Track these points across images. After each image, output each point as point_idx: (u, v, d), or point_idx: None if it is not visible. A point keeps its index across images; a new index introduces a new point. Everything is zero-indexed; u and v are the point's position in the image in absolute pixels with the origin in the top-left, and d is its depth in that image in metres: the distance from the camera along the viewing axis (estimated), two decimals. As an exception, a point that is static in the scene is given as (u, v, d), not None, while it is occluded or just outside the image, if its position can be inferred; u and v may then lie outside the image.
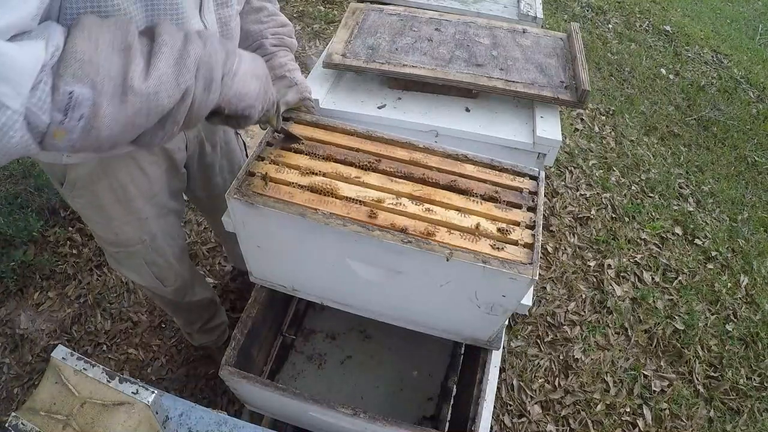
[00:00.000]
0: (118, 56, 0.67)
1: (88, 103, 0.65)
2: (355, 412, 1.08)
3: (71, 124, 0.65)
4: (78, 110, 0.64)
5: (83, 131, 0.66)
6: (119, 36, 0.68)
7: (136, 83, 0.67)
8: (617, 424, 1.90)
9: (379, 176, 1.03)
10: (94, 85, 0.65)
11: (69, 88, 0.63)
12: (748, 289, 2.35)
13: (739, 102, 3.43)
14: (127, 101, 0.67)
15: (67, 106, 0.63)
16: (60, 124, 0.64)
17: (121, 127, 0.69)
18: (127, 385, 0.85)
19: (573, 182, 2.73)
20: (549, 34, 1.59)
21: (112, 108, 0.66)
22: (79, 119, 0.65)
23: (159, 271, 1.40)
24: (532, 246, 0.94)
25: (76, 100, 0.64)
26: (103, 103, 0.65)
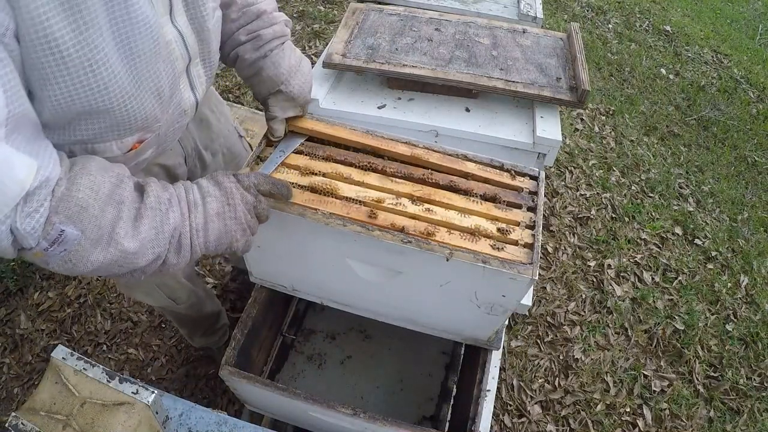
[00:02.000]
0: (112, 209, 0.73)
1: (74, 243, 0.70)
2: (355, 412, 1.08)
3: (53, 253, 0.70)
4: (63, 246, 0.70)
5: (61, 261, 0.72)
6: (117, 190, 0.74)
7: (122, 239, 0.74)
8: (617, 424, 1.90)
9: (379, 176, 1.03)
10: (84, 230, 0.71)
11: (62, 227, 0.69)
12: (748, 289, 2.35)
13: (739, 102, 3.43)
14: (108, 252, 0.73)
15: (55, 240, 0.69)
16: (44, 251, 0.69)
17: (95, 268, 0.74)
18: (127, 385, 0.85)
19: (573, 182, 2.73)
20: (549, 34, 1.59)
21: (93, 253, 0.72)
22: (61, 252, 0.70)
23: (170, 291, 1.39)
24: (532, 246, 0.94)
25: (65, 238, 0.69)
26: (86, 247, 0.71)
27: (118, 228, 0.73)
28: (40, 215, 0.67)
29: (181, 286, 1.41)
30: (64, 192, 0.69)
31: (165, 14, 0.81)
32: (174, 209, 0.79)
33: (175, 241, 0.80)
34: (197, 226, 0.82)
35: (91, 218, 0.71)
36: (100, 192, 0.72)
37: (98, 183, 0.72)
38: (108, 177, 0.74)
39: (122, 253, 0.74)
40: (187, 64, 0.90)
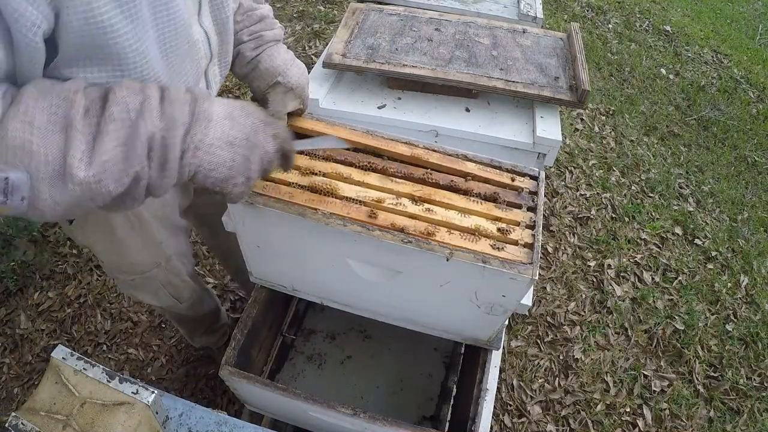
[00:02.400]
0: (59, 136, 0.62)
1: (26, 187, 0.61)
2: (355, 412, 1.08)
3: (14, 203, 0.62)
4: (17, 193, 0.61)
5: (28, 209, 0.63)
6: (61, 111, 0.62)
7: (75, 171, 0.61)
8: (617, 424, 1.90)
9: (379, 176, 1.03)
10: (29, 170, 0.61)
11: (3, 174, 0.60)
12: (748, 289, 2.35)
13: (739, 102, 3.43)
14: (67, 188, 0.62)
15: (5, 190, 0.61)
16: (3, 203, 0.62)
17: (65, 209, 0.64)
18: (127, 385, 0.85)
19: (573, 182, 2.73)
20: (549, 34, 1.59)
21: (53, 191, 0.62)
22: (21, 200, 0.62)
23: (175, 290, 1.39)
24: (532, 246, 0.94)
25: (12, 185, 0.61)
26: (41, 188, 0.62)
27: (68, 157, 0.61)
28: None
29: (185, 284, 1.41)
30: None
31: (194, 14, 0.84)
32: (148, 117, 0.64)
33: (157, 156, 0.66)
34: (197, 143, 0.68)
35: (33, 155, 0.60)
36: (35, 122, 0.61)
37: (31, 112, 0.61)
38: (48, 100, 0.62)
39: (81, 185, 0.62)
40: (207, 64, 0.93)
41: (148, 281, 1.30)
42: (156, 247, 1.23)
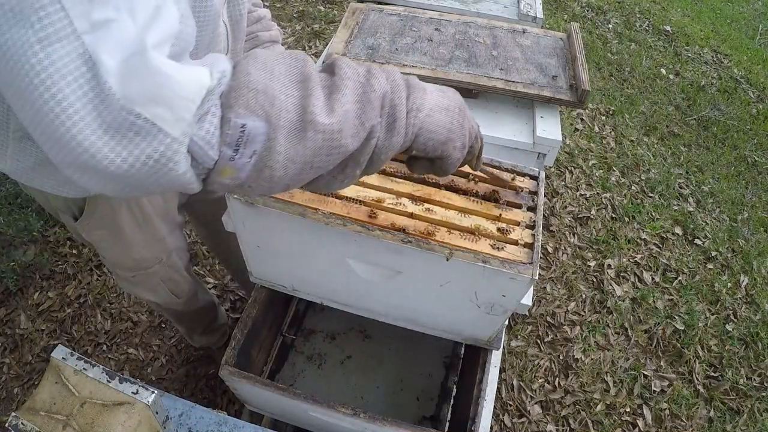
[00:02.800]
0: (296, 88, 0.60)
1: (262, 139, 0.57)
2: (355, 412, 1.08)
3: (242, 161, 0.58)
4: (250, 146, 0.57)
5: (255, 170, 0.59)
6: (296, 67, 0.61)
7: (318, 118, 0.59)
8: (617, 424, 1.90)
9: (379, 176, 1.03)
10: (269, 118, 0.57)
11: (241, 120, 0.56)
12: (748, 289, 2.35)
13: (739, 102, 3.43)
14: (307, 138, 0.59)
15: (238, 141, 0.57)
16: (230, 160, 0.57)
17: (299, 167, 0.61)
18: (127, 385, 0.85)
19: (573, 182, 2.74)
20: (549, 34, 1.59)
21: (289, 145, 0.59)
22: (251, 156, 0.58)
23: (174, 286, 1.39)
24: (532, 246, 0.94)
25: (248, 135, 0.57)
26: (278, 139, 0.58)
27: (310, 106, 0.59)
28: (211, 115, 0.56)
29: (184, 279, 1.41)
30: (231, 83, 0.58)
31: (223, 6, 0.85)
32: (378, 77, 0.65)
33: (386, 114, 0.66)
34: (418, 106, 0.68)
35: (274, 101, 0.57)
36: (275, 71, 0.59)
37: (270, 63, 0.60)
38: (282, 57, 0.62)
39: (324, 134, 0.59)
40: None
41: (149, 277, 1.31)
42: (158, 243, 1.23)
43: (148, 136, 0.53)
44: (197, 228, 1.65)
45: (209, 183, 0.61)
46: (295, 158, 0.60)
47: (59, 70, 0.49)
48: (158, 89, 0.52)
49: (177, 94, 0.53)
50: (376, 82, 0.64)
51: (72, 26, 0.49)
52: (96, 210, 1.07)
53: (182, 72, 0.54)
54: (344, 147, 0.62)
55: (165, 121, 0.53)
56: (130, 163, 0.53)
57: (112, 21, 0.50)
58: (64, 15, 0.49)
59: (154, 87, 0.52)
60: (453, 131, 0.73)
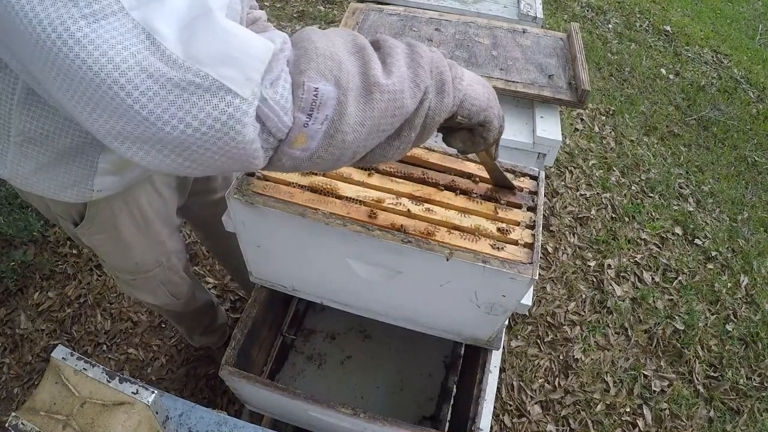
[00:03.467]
0: (355, 57, 0.62)
1: (333, 103, 0.57)
2: (355, 412, 1.08)
3: (315, 127, 0.57)
4: (323, 110, 0.57)
5: (326, 137, 0.59)
6: (351, 38, 0.64)
7: (381, 80, 0.61)
8: (617, 424, 1.90)
9: (379, 176, 1.03)
10: (338, 82, 0.58)
11: (314, 84, 0.56)
12: (748, 289, 2.35)
13: (739, 102, 3.43)
14: (373, 99, 0.60)
15: (312, 105, 0.56)
16: (304, 126, 0.57)
17: (367, 130, 0.62)
18: (127, 385, 0.85)
19: (573, 182, 2.73)
20: (549, 34, 1.59)
21: (358, 108, 0.60)
22: (323, 122, 0.58)
23: (173, 287, 1.39)
24: (532, 246, 0.94)
25: (321, 99, 0.56)
26: (349, 102, 0.58)
27: (370, 70, 0.61)
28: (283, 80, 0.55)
29: (183, 280, 1.41)
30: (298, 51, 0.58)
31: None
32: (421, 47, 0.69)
33: (436, 78, 0.68)
34: (459, 75, 0.73)
35: (341, 66, 0.59)
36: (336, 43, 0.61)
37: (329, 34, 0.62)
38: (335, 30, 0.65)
39: (388, 94, 0.61)
40: None
41: (149, 280, 1.31)
42: (159, 246, 1.23)
43: (214, 98, 0.51)
44: (196, 230, 1.65)
45: (277, 158, 0.60)
46: (364, 121, 0.61)
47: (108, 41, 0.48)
48: (225, 48, 0.51)
49: (245, 53, 0.52)
50: (421, 51, 0.68)
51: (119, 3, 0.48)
52: (97, 215, 1.07)
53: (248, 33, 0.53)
54: (405, 107, 0.64)
55: (233, 81, 0.52)
56: (195, 127, 0.52)
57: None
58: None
59: (221, 46, 0.51)
60: (491, 100, 0.78)
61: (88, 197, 0.96)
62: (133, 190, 1.08)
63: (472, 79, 0.76)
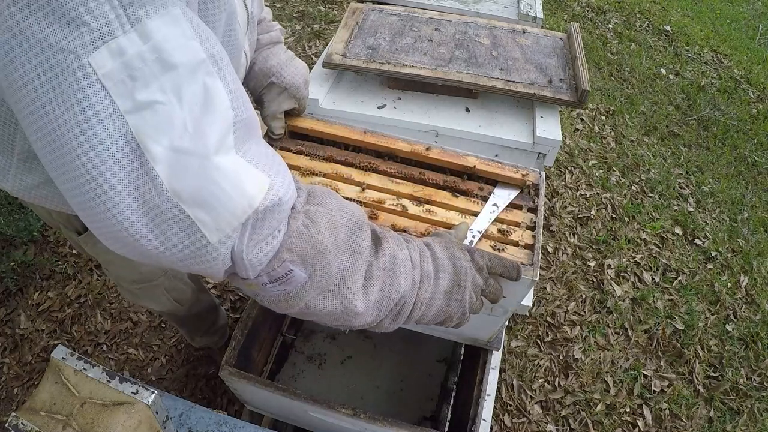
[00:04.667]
0: (347, 258, 0.65)
1: (298, 285, 0.62)
2: (355, 412, 1.08)
3: (271, 290, 0.62)
4: (285, 285, 0.61)
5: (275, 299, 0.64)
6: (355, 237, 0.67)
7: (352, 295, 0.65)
8: (617, 424, 1.90)
9: (379, 177, 1.03)
10: (313, 275, 0.62)
11: (292, 266, 0.60)
12: (748, 289, 2.35)
13: (739, 102, 3.43)
14: (332, 303, 0.65)
15: (278, 279, 0.60)
16: (262, 285, 0.61)
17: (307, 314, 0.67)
18: (127, 385, 0.85)
19: (573, 182, 2.73)
20: (549, 34, 1.58)
21: (316, 299, 0.64)
22: (279, 291, 0.62)
23: (178, 294, 1.39)
24: (533, 247, 0.93)
25: (290, 278, 0.61)
26: (310, 292, 0.63)
27: (349, 282, 0.65)
28: (270, 248, 0.58)
29: (187, 286, 1.41)
30: (302, 229, 0.61)
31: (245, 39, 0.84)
32: (407, 276, 0.71)
33: (397, 309, 0.72)
34: (423, 300, 0.75)
35: (325, 264, 0.62)
36: (338, 236, 0.64)
37: (338, 225, 0.65)
38: (347, 219, 0.67)
39: (347, 309, 0.66)
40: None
41: (154, 289, 1.30)
42: None
43: (187, 230, 0.54)
44: None
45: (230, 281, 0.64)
46: (312, 309, 0.65)
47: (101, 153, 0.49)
48: (206, 196, 0.53)
49: (224, 206, 0.54)
50: (402, 282, 0.71)
51: (114, 105, 0.48)
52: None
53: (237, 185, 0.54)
54: (352, 323, 0.70)
55: (205, 226, 0.54)
56: (167, 247, 0.55)
57: (157, 103, 0.49)
58: (106, 95, 0.48)
59: (202, 192, 0.53)
60: (450, 311, 0.78)
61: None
62: None
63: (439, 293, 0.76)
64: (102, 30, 0.47)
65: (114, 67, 0.48)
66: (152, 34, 0.48)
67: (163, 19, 0.49)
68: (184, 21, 0.51)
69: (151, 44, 0.48)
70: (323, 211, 0.64)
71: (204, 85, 0.52)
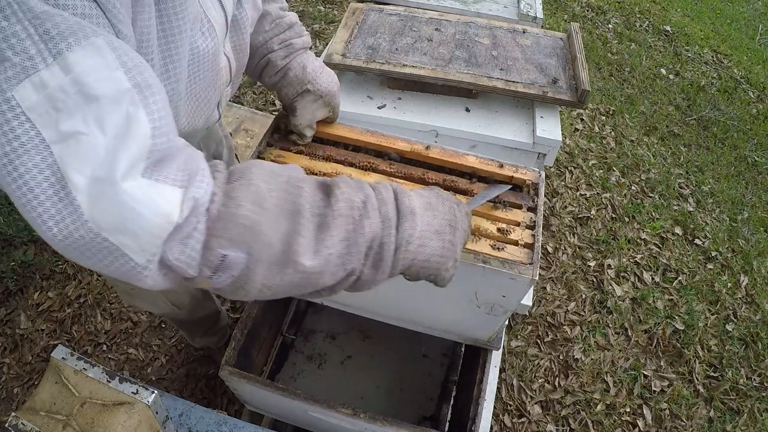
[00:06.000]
0: (286, 221, 0.61)
1: (241, 266, 0.60)
2: (355, 412, 1.08)
3: (219, 281, 0.61)
4: (228, 271, 0.60)
5: (231, 288, 0.62)
6: (290, 198, 0.62)
7: (301, 258, 0.61)
8: (617, 424, 1.90)
9: (379, 176, 1.03)
10: (251, 252, 0.59)
11: (223, 251, 0.58)
12: (748, 289, 2.35)
13: (739, 102, 3.43)
14: (285, 273, 0.61)
15: (217, 267, 0.59)
16: (207, 278, 0.60)
17: (272, 292, 0.64)
18: (127, 385, 0.85)
19: (573, 182, 2.73)
20: (549, 34, 1.59)
21: (267, 274, 0.61)
22: (228, 279, 0.61)
23: (176, 297, 1.38)
24: (533, 246, 0.93)
25: (228, 263, 0.59)
26: (257, 270, 0.60)
27: (294, 245, 0.61)
28: (195, 241, 0.58)
29: (186, 290, 1.40)
30: (221, 209, 0.59)
31: (222, 43, 0.83)
32: (372, 216, 0.66)
33: (374, 253, 0.66)
34: (407, 238, 0.68)
35: (259, 237, 0.59)
36: (266, 204, 0.61)
37: (263, 193, 0.61)
38: (277, 183, 0.63)
39: (303, 273, 0.62)
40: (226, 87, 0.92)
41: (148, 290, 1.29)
42: None
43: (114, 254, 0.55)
44: None
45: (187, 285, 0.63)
46: (270, 286, 0.62)
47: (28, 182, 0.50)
48: (124, 221, 0.53)
49: (142, 228, 0.54)
50: (367, 224, 0.65)
51: (40, 136, 0.50)
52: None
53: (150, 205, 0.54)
54: (321, 284, 0.65)
55: (130, 249, 0.55)
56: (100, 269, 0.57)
57: (81, 134, 0.50)
58: (31, 126, 0.49)
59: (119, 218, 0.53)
60: (445, 254, 0.73)
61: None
62: None
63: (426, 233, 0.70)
64: (24, 64, 0.48)
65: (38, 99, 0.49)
66: (73, 67, 0.49)
67: (84, 51, 0.50)
68: (107, 51, 0.51)
69: (72, 77, 0.49)
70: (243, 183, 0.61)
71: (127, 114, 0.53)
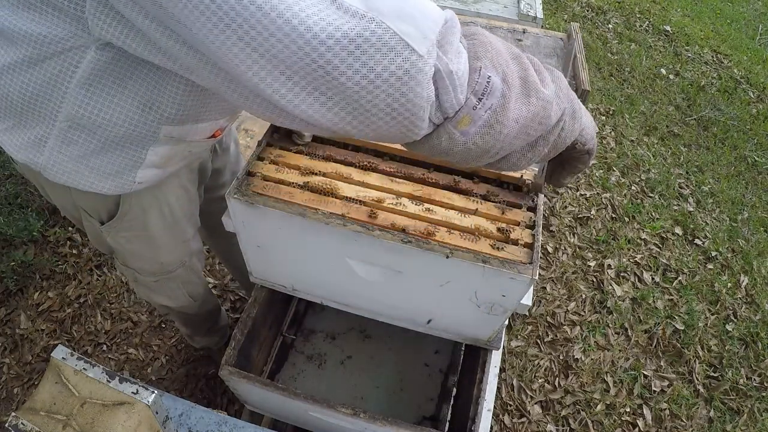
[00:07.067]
0: (515, 62, 0.64)
1: (499, 94, 0.60)
2: (355, 412, 1.08)
3: (480, 113, 0.60)
4: (490, 99, 0.59)
5: (486, 125, 0.61)
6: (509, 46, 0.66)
7: (540, 87, 0.63)
8: (617, 424, 1.90)
9: (379, 176, 1.03)
10: (505, 77, 0.60)
11: (488, 72, 0.58)
12: (748, 289, 2.35)
13: (739, 102, 3.43)
14: (530, 102, 0.63)
15: (483, 91, 0.59)
16: (472, 109, 0.59)
17: (519, 128, 0.64)
18: (127, 385, 0.85)
19: (573, 182, 2.74)
20: (549, 34, 1.58)
21: (516, 105, 0.62)
22: (487, 110, 0.60)
23: (192, 288, 1.38)
24: (532, 246, 0.93)
25: (491, 87, 0.59)
26: (511, 97, 0.61)
27: (529, 76, 0.63)
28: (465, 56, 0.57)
29: (201, 281, 1.41)
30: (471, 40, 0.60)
31: None
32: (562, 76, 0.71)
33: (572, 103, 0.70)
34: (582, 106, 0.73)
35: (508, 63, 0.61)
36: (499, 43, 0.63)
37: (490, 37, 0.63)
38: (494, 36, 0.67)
39: (542, 101, 0.63)
40: None
41: (171, 281, 1.30)
42: (184, 245, 1.22)
43: (391, 52, 0.52)
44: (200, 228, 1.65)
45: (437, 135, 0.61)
46: (519, 119, 0.62)
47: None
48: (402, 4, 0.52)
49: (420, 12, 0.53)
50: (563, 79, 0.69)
51: None
52: (128, 211, 1.04)
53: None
54: (550, 119, 0.65)
55: (411, 37, 0.52)
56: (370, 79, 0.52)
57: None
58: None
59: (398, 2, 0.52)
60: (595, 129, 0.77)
61: (127, 189, 0.94)
62: (163, 187, 1.06)
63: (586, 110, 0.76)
64: None
65: None
66: None
67: None
68: None
69: None
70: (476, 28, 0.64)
71: None
